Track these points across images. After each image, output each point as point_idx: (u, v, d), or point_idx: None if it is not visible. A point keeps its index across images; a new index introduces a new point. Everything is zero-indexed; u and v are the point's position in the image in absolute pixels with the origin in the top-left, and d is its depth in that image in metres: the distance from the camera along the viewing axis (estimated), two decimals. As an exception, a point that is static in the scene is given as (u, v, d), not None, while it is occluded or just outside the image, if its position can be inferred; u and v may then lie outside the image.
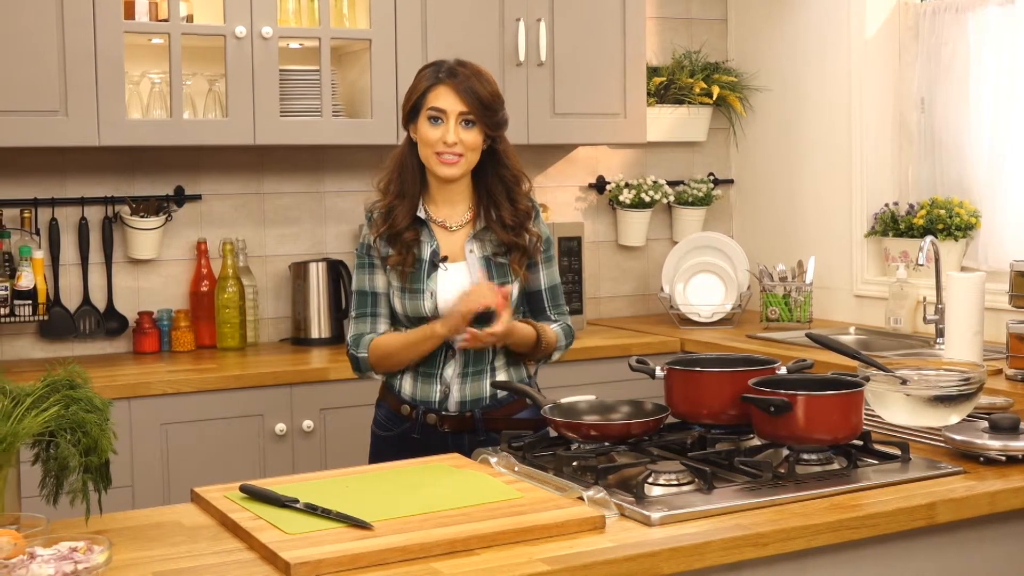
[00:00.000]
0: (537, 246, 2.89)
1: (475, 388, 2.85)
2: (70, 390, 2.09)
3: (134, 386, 3.58)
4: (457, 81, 2.77)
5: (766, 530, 2.04)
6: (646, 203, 4.85)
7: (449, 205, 2.87)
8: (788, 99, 4.89)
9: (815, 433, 2.36)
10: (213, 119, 4.01)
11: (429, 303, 2.80)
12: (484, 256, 2.85)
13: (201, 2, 4.04)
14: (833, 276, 4.68)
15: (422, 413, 2.84)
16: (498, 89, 2.82)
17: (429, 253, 2.83)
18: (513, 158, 2.88)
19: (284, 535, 1.95)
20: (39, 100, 3.66)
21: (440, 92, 2.77)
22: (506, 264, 2.85)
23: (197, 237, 4.24)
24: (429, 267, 2.82)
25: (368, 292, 2.88)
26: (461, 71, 2.78)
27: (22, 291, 3.84)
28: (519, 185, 2.88)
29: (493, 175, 2.86)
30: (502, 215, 2.84)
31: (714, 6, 5.14)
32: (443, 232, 2.86)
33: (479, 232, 2.86)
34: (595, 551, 1.93)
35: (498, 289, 2.73)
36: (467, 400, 2.84)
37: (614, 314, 4.99)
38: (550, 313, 2.96)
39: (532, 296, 2.94)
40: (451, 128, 2.75)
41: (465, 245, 2.85)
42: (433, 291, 2.81)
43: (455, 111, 2.75)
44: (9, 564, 1.73)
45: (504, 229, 2.84)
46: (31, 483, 2.06)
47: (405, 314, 2.84)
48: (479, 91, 2.77)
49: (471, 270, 2.83)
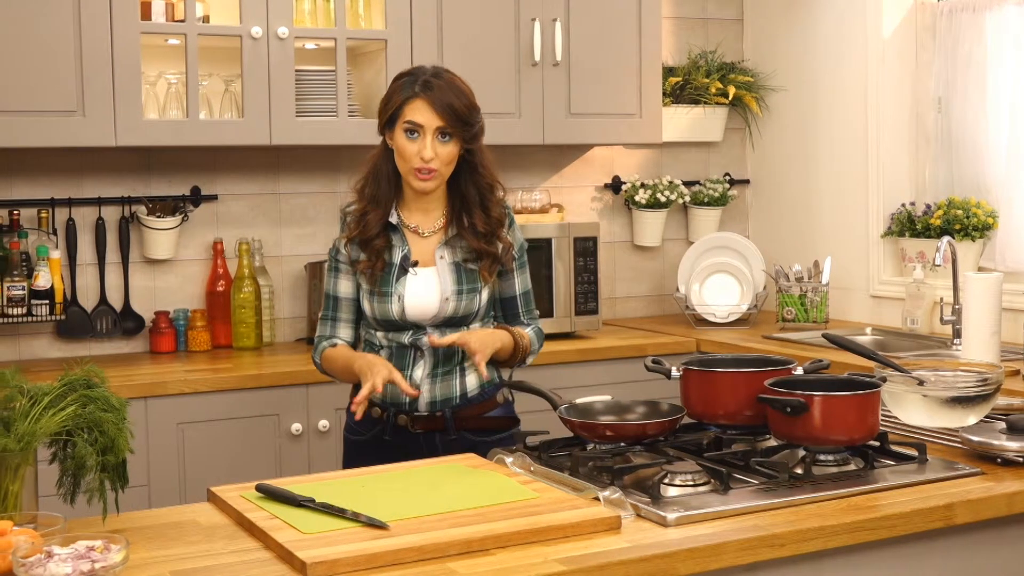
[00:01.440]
0: (510, 254, 2.89)
1: (445, 388, 2.85)
2: (87, 389, 2.09)
3: (150, 386, 3.59)
4: (434, 95, 2.74)
5: (783, 531, 2.03)
6: (662, 203, 4.85)
7: (423, 212, 2.87)
8: (804, 99, 4.88)
9: (832, 434, 2.35)
10: (229, 119, 4.02)
11: (396, 306, 2.81)
12: (454, 262, 2.84)
13: (217, 3, 4.05)
14: (849, 276, 4.67)
15: (393, 415, 2.85)
16: (474, 99, 2.80)
17: (399, 257, 2.83)
18: (488, 166, 2.87)
19: (300, 535, 1.96)
20: (56, 101, 3.67)
21: (417, 106, 2.74)
22: (476, 271, 2.85)
23: (213, 237, 4.25)
24: (398, 271, 2.82)
25: (331, 296, 2.91)
26: (437, 84, 2.75)
27: (39, 291, 3.85)
28: (493, 192, 2.88)
29: (468, 182, 2.85)
30: (474, 222, 2.83)
31: (730, 6, 5.13)
32: (415, 237, 2.86)
33: (451, 239, 2.86)
34: (611, 552, 1.92)
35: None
36: (437, 400, 2.84)
37: (629, 314, 4.98)
38: (523, 318, 2.96)
39: (506, 302, 2.95)
40: (428, 144, 2.73)
41: (436, 251, 2.85)
42: (401, 295, 2.81)
43: (432, 126, 2.73)
44: (27, 563, 1.74)
45: (476, 236, 2.83)
46: (48, 482, 2.07)
47: (374, 316, 2.85)
48: (455, 105, 2.74)
49: (440, 276, 2.83)
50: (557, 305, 4.32)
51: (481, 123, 2.82)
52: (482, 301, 2.86)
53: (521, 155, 4.72)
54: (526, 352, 2.91)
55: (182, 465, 3.62)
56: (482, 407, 2.89)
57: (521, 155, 4.72)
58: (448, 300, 2.82)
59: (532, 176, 4.76)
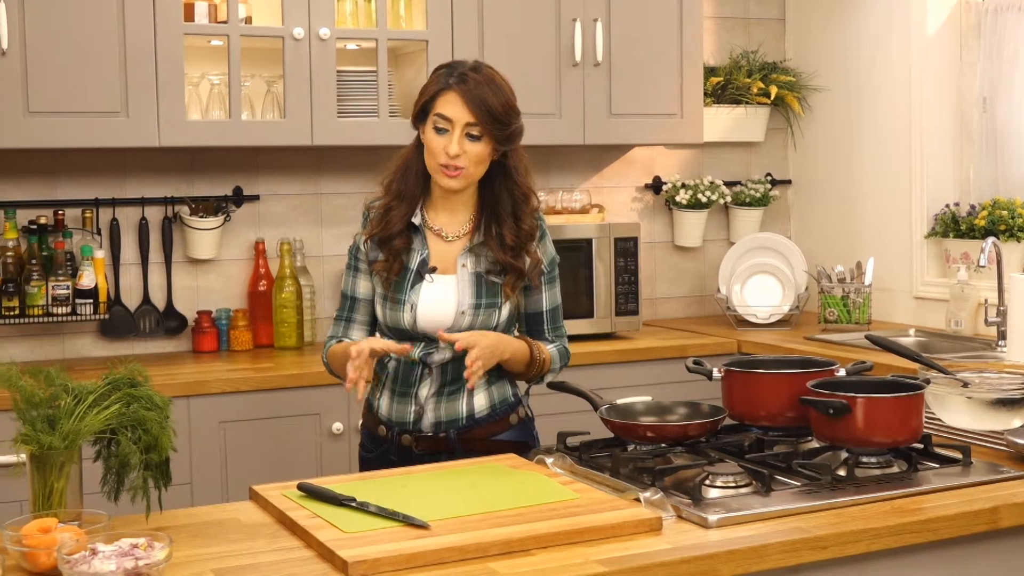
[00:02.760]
0: (538, 269, 2.71)
1: (450, 408, 2.68)
2: (131, 388, 2.11)
3: (193, 384, 3.61)
4: (466, 88, 2.57)
5: (825, 533, 2.02)
6: (703, 204, 4.83)
7: (449, 213, 2.70)
8: (847, 99, 4.85)
9: (875, 436, 2.34)
10: (271, 120, 4.04)
11: (408, 316, 2.65)
12: (476, 272, 2.67)
13: (260, 4, 4.07)
14: (892, 277, 4.64)
15: (397, 435, 2.71)
16: (513, 99, 2.63)
17: (417, 262, 2.67)
18: (524, 173, 2.69)
19: (341, 534, 1.96)
20: (100, 102, 3.70)
21: (448, 99, 2.58)
22: (498, 284, 2.67)
23: (255, 237, 4.27)
24: (414, 277, 2.66)
25: (348, 296, 2.77)
26: (473, 77, 2.58)
27: (83, 290, 3.88)
28: (527, 203, 2.69)
29: (501, 188, 2.68)
30: (503, 232, 2.65)
31: (772, 5, 5.10)
32: (437, 241, 2.69)
33: (476, 246, 2.68)
34: (652, 553, 1.92)
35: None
36: (442, 421, 2.69)
37: (670, 315, 4.96)
38: (548, 335, 2.78)
39: (531, 317, 2.76)
40: (455, 139, 2.56)
41: (459, 258, 2.68)
42: (414, 303, 2.65)
43: (461, 121, 2.57)
44: (72, 559, 1.75)
45: (502, 248, 2.65)
46: (93, 480, 2.09)
47: (385, 323, 2.70)
48: (489, 101, 2.57)
49: (459, 286, 2.66)
50: (597, 306, 4.31)
51: (518, 126, 2.64)
52: (501, 317, 2.68)
53: (562, 155, 4.72)
54: (544, 367, 2.72)
55: (224, 464, 3.64)
56: (490, 428, 2.71)
57: (562, 155, 4.72)
58: (464, 314, 2.65)
59: (573, 176, 4.76)
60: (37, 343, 4.02)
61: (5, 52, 3.56)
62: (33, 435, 1.99)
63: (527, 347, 2.70)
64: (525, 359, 2.69)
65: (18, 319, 3.81)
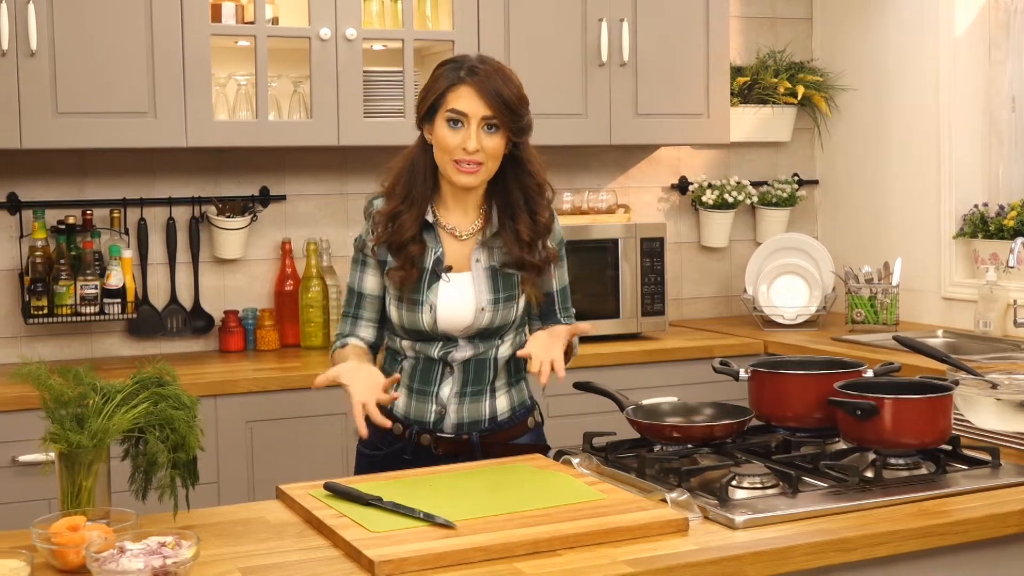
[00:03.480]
0: (553, 261, 2.67)
1: (473, 410, 2.63)
2: (159, 387, 2.12)
3: (220, 384, 3.62)
4: (480, 80, 2.50)
5: (852, 535, 2.01)
6: (729, 204, 4.82)
7: (461, 211, 2.63)
8: (875, 98, 4.83)
9: (902, 437, 2.32)
10: (298, 120, 4.05)
11: (428, 316, 2.58)
12: (491, 266, 2.61)
13: (287, 4, 4.08)
14: (920, 278, 4.61)
15: (416, 433, 2.63)
16: (523, 90, 2.57)
17: (432, 261, 2.60)
18: (537, 164, 2.62)
19: (368, 533, 1.96)
20: (128, 102, 3.72)
21: (461, 93, 2.51)
22: (514, 276, 2.62)
23: (282, 237, 4.29)
24: (431, 277, 2.59)
25: (355, 291, 2.69)
26: (483, 69, 2.52)
27: (111, 290, 3.90)
28: (542, 195, 2.63)
29: (514, 182, 2.61)
30: (518, 228, 2.59)
31: (799, 5, 5.08)
32: (450, 239, 2.63)
33: (488, 239, 2.62)
34: (678, 553, 1.91)
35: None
36: (465, 422, 2.63)
37: (696, 315, 4.95)
38: (560, 316, 2.74)
39: (544, 298, 2.71)
40: (472, 134, 2.49)
41: (472, 254, 2.62)
42: (433, 304, 2.58)
43: (478, 115, 2.49)
44: (100, 558, 1.76)
45: (518, 244, 2.59)
46: (121, 478, 2.10)
47: (402, 325, 2.62)
48: (504, 92, 2.51)
49: (476, 283, 2.61)
50: (623, 306, 4.31)
51: (531, 117, 2.58)
52: (519, 311, 2.64)
53: (588, 155, 4.71)
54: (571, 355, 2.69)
55: (250, 463, 3.65)
56: (511, 432, 2.68)
57: (588, 155, 4.71)
58: (484, 310, 2.60)
59: (599, 176, 4.75)
60: (65, 342, 4.05)
61: (34, 53, 3.59)
62: (62, 434, 2.00)
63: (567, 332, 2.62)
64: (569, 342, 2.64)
65: (47, 318, 3.83)
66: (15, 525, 2.14)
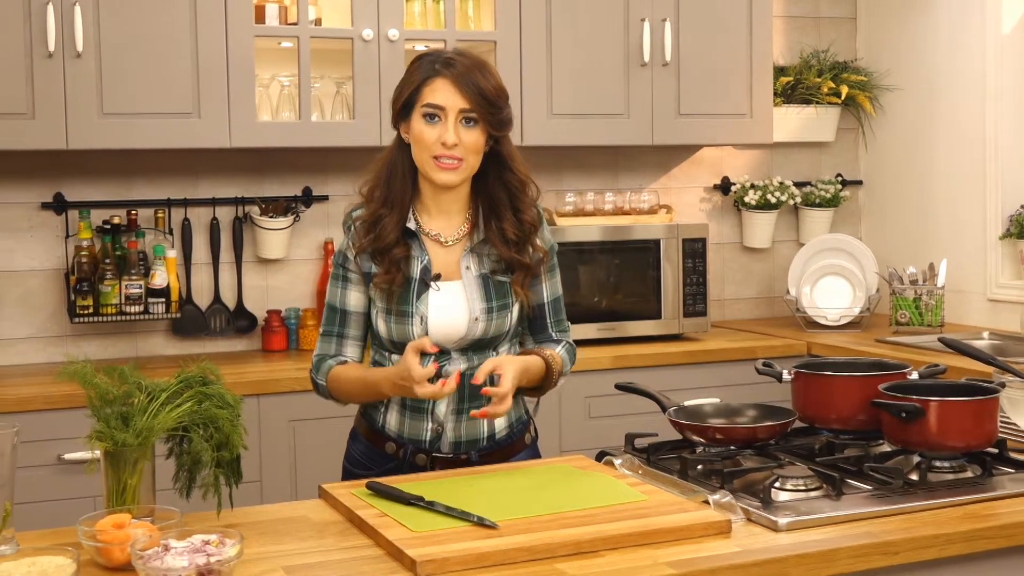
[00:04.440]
0: (543, 261, 2.56)
1: (471, 428, 2.52)
2: (203, 386, 2.13)
3: (263, 383, 3.64)
4: (456, 73, 2.40)
5: (896, 538, 1.99)
6: (772, 204, 4.79)
7: (444, 215, 2.52)
8: (920, 98, 4.79)
9: (948, 440, 2.30)
10: (340, 121, 4.07)
11: (419, 328, 2.46)
12: (482, 274, 2.51)
13: (329, 5, 4.10)
14: (966, 279, 4.57)
15: (410, 453, 2.52)
16: (502, 82, 2.47)
17: (419, 270, 2.49)
18: (518, 160, 2.51)
19: (410, 533, 1.97)
20: (173, 103, 3.75)
21: (437, 86, 2.41)
22: (506, 283, 2.51)
23: (324, 237, 4.31)
24: (419, 286, 2.48)
25: (338, 309, 2.55)
26: (460, 61, 2.42)
27: (156, 289, 3.93)
28: (525, 192, 2.52)
29: (496, 181, 2.50)
30: (504, 227, 2.49)
31: (843, 4, 5.05)
32: (436, 246, 2.51)
33: (477, 245, 2.52)
34: (721, 556, 1.91)
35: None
36: (462, 441, 2.52)
37: (738, 316, 4.93)
38: (552, 330, 2.62)
39: (535, 311, 2.60)
40: (450, 127, 2.39)
41: (461, 260, 2.51)
42: (423, 315, 2.47)
43: (455, 108, 2.40)
44: (145, 555, 1.77)
45: (505, 244, 2.49)
46: (165, 477, 2.11)
47: (390, 339, 2.50)
48: (482, 85, 2.41)
49: (467, 291, 2.49)
50: (665, 307, 4.29)
51: (510, 111, 2.47)
52: (513, 319, 2.53)
53: (630, 156, 4.70)
54: (558, 376, 2.57)
55: (293, 462, 3.67)
56: (509, 450, 2.57)
57: (630, 156, 4.70)
58: (477, 320, 2.48)
59: (641, 177, 4.74)
60: (110, 341, 4.08)
61: (80, 54, 3.62)
62: (107, 432, 2.02)
63: (541, 362, 2.52)
64: (541, 374, 2.53)
65: (92, 318, 3.87)
66: (61, 523, 2.16)
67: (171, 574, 1.73)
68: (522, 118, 4.11)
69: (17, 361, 3.98)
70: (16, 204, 3.97)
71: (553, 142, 4.22)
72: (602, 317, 4.23)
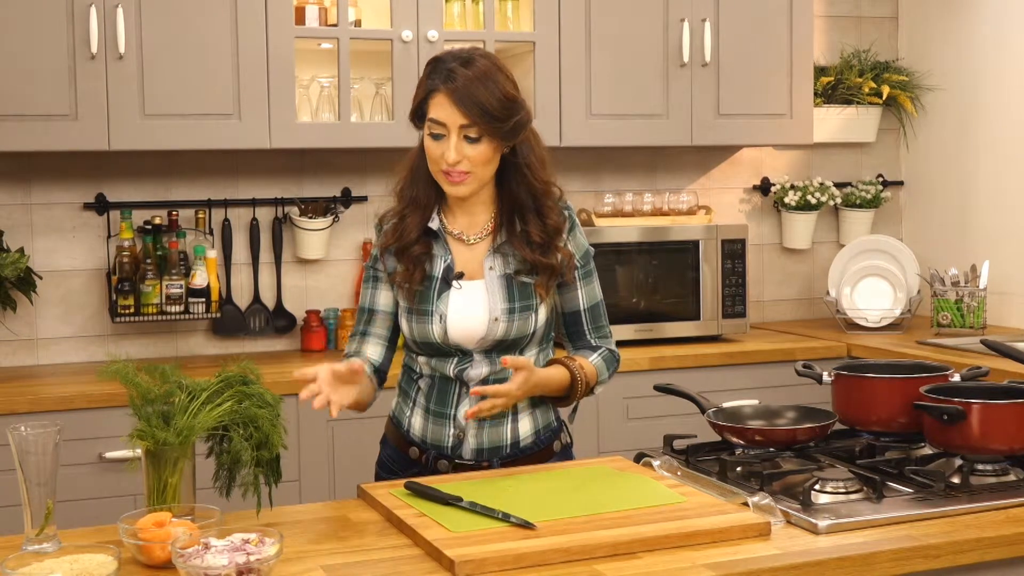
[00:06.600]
0: (570, 264, 2.49)
1: (493, 435, 2.48)
2: (243, 386, 2.14)
3: (302, 383, 3.64)
4: (455, 87, 2.33)
5: (938, 542, 1.98)
6: (812, 205, 4.77)
7: (468, 215, 2.49)
8: (962, 98, 4.75)
9: (990, 443, 2.28)
10: (380, 122, 4.08)
11: (438, 327, 2.43)
12: (505, 274, 2.46)
13: (369, 7, 4.11)
14: (1009, 281, 4.53)
15: (432, 459, 2.49)
16: (510, 90, 2.38)
17: (442, 269, 2.46)
18: (537, 165, 2.45)
19: (449, 533, 1.97)
20: (214, 104, 3.77)
21: (438, 101, 2.36)
22: (530, 284, 2.46)
23: (363, 238, 4.32)
24: (441, 285, 2.45)
25: (366, 308, 2.55)
26: (462, 74, 2.34)
27: (196, 289, 3.96)
28: (548, 196, 2.46)
29: (518, 185, 2.45)
30: (528, 230, 2.44)
31: (885, 4, 5.02)
32: (459, 245, 2.49)
33: (501, 245, 2.47)
34: (760, 558, 1.90)
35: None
36: (484, 448, 2.48)
37: (778, 318, 4.91)
38: (590, 337, 2.57)
39: (569, 317, 2.55)
40: (452, 145, 2.35)
41: (484, 260, 2.47)
42: (443, 313, 2.44)
43: (455, 124, 2.35)
44: (185, 553, 1.79)
45: (530, 246, 2.44)
46: (205, 475, 2.13)
47: (413, 339, 2.49)
48: (483, 100, 2.33)
49: (489, 291, 2.45)
50: (704, 308, 4.28)
51: (521, 117, 2.39)
52: (538, 322, 2.47)
53: (669, 156, 4.69)
54: (590, 386, 2.52)
55: (331, 461, 3.68)
56: (536, 458, 2.51)
57: (669, 156, 4.69)
58: (498, 321, 2.43)
59: (680, 177, 4.73)
60: (151, 341, 4.11)
61: (122, 56, 3.65)
62: (148, 431, 2.03)
63: (565, 372, 2.47)
64: (563, 386, 2.48)
65: (133, 317, 3.90)
66: (102, 520, 2.18)
67: (211, 572, 1.74)
68: (561, 119, 4.10)
69: (59, 360, 4.01)
70: (58, 205, 4.01)
71: (592, 143, 4.22)
72: (640, 318, 4.22)
